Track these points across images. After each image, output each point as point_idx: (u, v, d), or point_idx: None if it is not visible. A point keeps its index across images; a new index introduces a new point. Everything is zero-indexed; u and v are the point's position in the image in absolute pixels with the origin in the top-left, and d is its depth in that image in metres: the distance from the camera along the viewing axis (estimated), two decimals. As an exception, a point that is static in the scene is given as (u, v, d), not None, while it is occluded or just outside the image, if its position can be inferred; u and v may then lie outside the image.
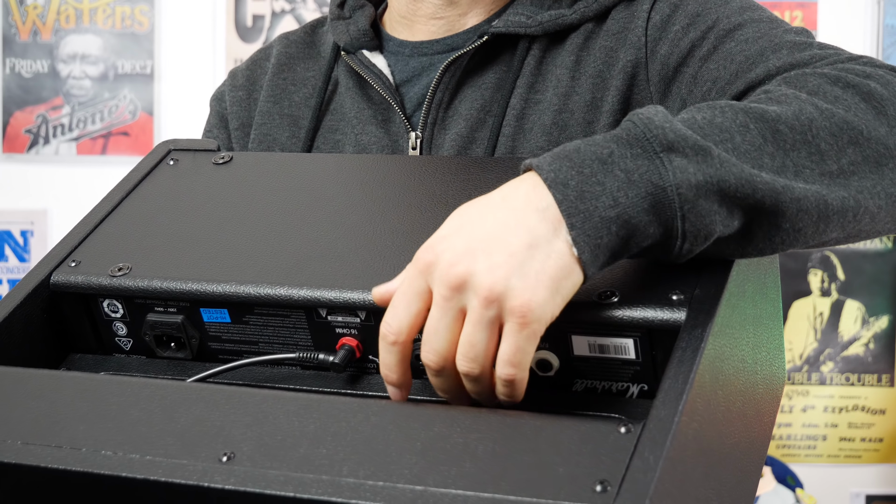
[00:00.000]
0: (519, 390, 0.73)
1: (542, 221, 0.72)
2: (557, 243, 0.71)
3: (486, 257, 0.71)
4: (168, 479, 0.68)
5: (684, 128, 0.74)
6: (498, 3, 1.12)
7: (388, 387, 0.76)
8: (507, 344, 0.71)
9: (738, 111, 0.77)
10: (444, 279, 0.72)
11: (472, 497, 0.62)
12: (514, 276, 0.70)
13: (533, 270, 0.70)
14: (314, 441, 0.69)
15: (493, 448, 0.66)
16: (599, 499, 0.61)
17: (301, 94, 1.17)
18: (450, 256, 0.72)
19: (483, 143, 1.06)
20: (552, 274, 0.71)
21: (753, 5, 1.03)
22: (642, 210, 0.72)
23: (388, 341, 0.74)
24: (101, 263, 0.90)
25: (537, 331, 0.71)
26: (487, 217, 0.73)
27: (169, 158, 1.03)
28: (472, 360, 0.72)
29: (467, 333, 0.71)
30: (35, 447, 0.72)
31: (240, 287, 0.85)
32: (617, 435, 0.65)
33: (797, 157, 0.77)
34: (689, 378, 0.67)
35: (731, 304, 0.76)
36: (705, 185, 0.73)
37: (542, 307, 0.70)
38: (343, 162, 1.01)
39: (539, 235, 0.71)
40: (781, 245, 0.77)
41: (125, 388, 0.77)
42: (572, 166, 0.73)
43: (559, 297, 0.71)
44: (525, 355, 0.71)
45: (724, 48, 0.99)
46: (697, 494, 0.69)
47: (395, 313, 0.74)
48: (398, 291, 0.74)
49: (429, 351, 0.73)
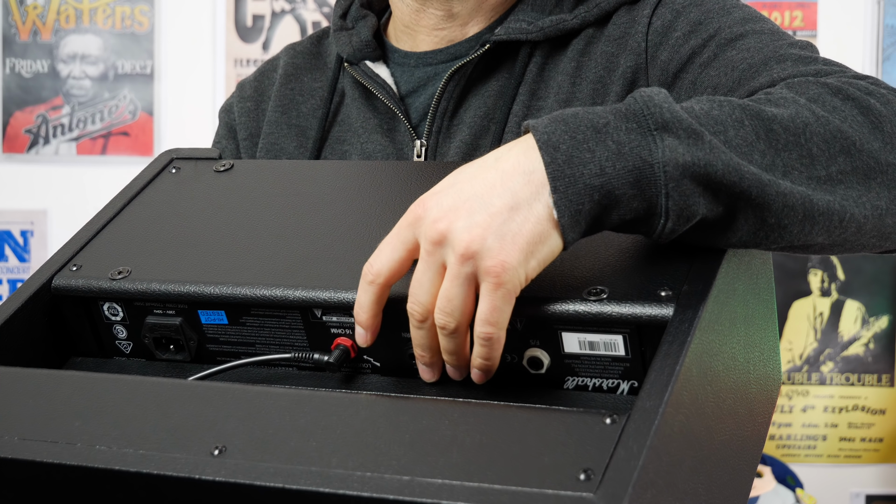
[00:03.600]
0: (496, 351, 0.75)
1: (526, 185, 0.73)
2: (538, 206, 0.73)
3: (467, 216, 0.73)
4: (160, 471, 0.69)
5: (682, 111, 0.76)
6: (498, 11, 1.12)
7: (357, 328, 0.80)
8: (483, 303, 0.73)
9: (735, 107, 0.78)
10: (427, 233, 0.74)
11: (457, 486, 0.63)
12: (491, 236, 0.72)
13: (510, 232, 0.72)
14: (305, 434, 0.69)
15: (480, 439, 0.66)
16: (583, 487, 0.62)
17: (308, 105, 1.18)
18: (435, 212, 0.74)
19: (487, 150, 1.07)
20: (529, 237, 0.73)
21: (756, 16, 1.03)
22: (627, 183, 0.73)
23: (367, 280, 0.78)
24: (102, 267, 0.92)
25: (511, 291, 0.73)
26: (478, 177, 0.75)
27: (171, 167, 1.05)
28: (448, 314, 0.74)
29: (445, 288, 0.74)
30: (32, 443, 0.73)
31: (236, 289, 0.86)
32: (602, 426, 0.66)
33: (787, 157, 0.78)
34: (674, 370, 0.68)
35: (720, 301, 0.76)
36: (692, 167, 0.74)
37: (516, 269, 0.72)
38: (341, 168, 1.03)
39: (521, 198, 0.73)
40: (766, 240, 0.78)
41: (121, 385, 0.78)
42: (566, 130, 0.74)
43: (534, 261, 0.73)
44: (501, 314, 0.73)
45: (725, 56, 0.99)
46: (685, 487, 0.69)
47: (378, 256, 0.77)
48: (386, 238, 0.78)
49: (413, 302, 0.76)
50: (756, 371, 0.87)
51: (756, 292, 0.86)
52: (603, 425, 0.66)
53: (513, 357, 0.81)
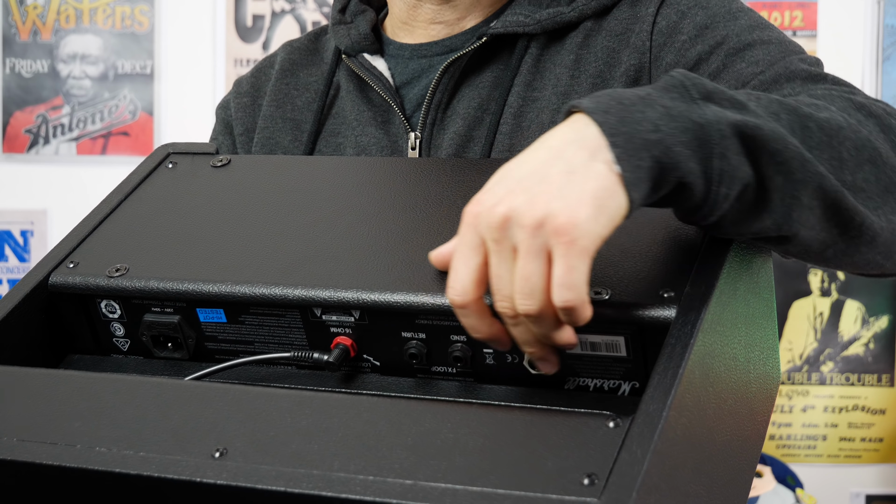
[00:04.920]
0: (582, 315, 0.71)
1: (579, 150, 0.72)
2: (596, 165, 0.71)
3: (524, 192, 0.71)
4: (161, 474, 0.68)
5: (721, 88, 0.76)
6: (495, 5, 1.13)
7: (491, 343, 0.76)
8: (558, 267, 0.70)
9: (772, 100, 0.79)
10: (489, 223, 0.72)
11: (461, 491, 0.63)
12: (555, 200, 0.70)
13: (574, 192, 0.70)
14: (306, 437, 0.69)
15: (483, 443, 0.66)
16: (587, 492, 0.61)
17: (303, 99, 1.19)
18: (491, 200, 0.73)
19: (480, 142, 1.07)
20: (594, 192, 0.71)
21: (762, 24, 1.04)
22: (682, 142, 0.73)
23: (458, 305, 0.74)
24: (99, 264, 0.91)
25: (587, 247, 0.70)
26: (526, 160, 0.74)
27: (168, 161, 1.04)
28: (528, 296, 0.71)
29: (520, 268, 0.71)
30: (31, 444, 0.73)
31: (235, 287, 0.85)
32: (605, 429, 0.65)
33: (819, 155, 0.78)
34: (678, 373, 0.68)
35: (722, 301, 0.76)
36: (742, 125, 0.74)
37: (588, 222, 0.70)
38: (339, 164, 1.02)
39: (576, 162, 0.72)
40: (788, 223, 0.77)
41: (120, 385, 0.78)
42: (612, 99, 0.74)
43: (604, 216, 0.71)
44: (579, 274, 0.70)
45: (734, 68, 0.99)
46: (687, 489, 0.69)
47: (455, 275, 0.74)
48: (454, 251, 0.75)
49: (501, 299, 0.73)
50: (756, 370, 0.87)
51: (756, 291, 0.86)
52: (606, 429, 0.65)
53: (514, 357, 0.80)
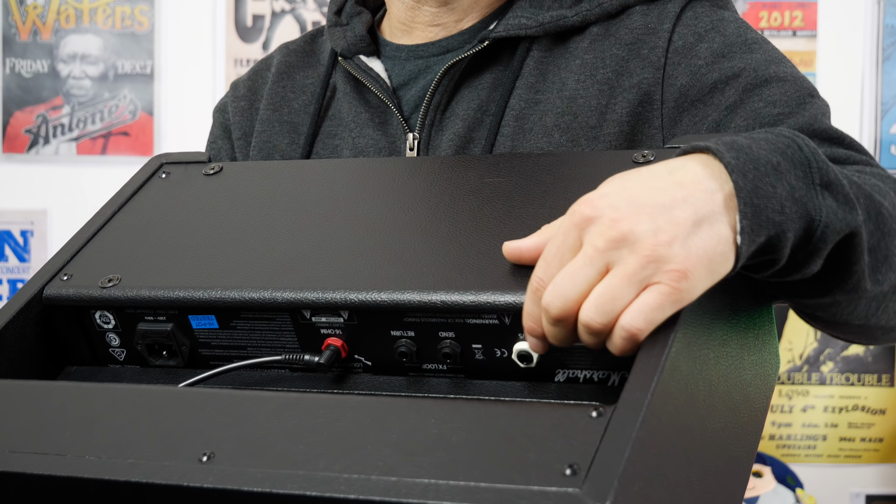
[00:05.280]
0: (632, 346, 0.71)
1: (709, 203, 0.73)
2: (721, 227, 0.72)
3: (650, 220, 0.71)
4: (149, 480, 0.69)
5: (840, 175, 0.79)
6: (493, 6, 1.12)
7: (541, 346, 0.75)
8: (649, 298, 0.70)
9: (863, 192, 0.83)
10: (604, 232, 0.71)
11: (443, 485, 0.63)
12: (677, 244, 0.70)
13: (695, 245, 0.71)
14: (292, 438, 0.70)
15: (466, 437, 0.67)
16: (568, 482, 0.62)
17: (300, 101, 1.19)
18: (613, 213, 0.72)
19: (480, 143, 1.07)
20: (712, 254, 0.72)
21: (777, 58, 1.05)
22: (794, 229, 0.75)
23: (554, 314, 0.72)
24: (92, 276, 0.92)
25: (682, 301, 0.70)
26: (651, 185, 0.74)
27: (161, 172, 1.05)
28: (605, 314, 0.70)
29: (612, 286, 0.70)
30: (22, 455, 0.73)
31: (225, 293, 0.86)
32: (588, 419, 0.66)
33: (889, 244, 0.84)
34: (660, 360, 0.68)
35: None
36: (846, 234, 0.79)
37: (697, 280, 0.71)
38: (328, 167, 1.03)
39: (704, 215, 0.72)
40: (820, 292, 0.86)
41: (110, 394, 0.78)
42: (748, 160, 0.75)
43: (710, 279, 0.72)
44: (661, 318, 0.70)
45: (751, 105, 1.01)
46: (676, 477, 0.69)
47: (562, 282, 0.72)
48: (552, 247, 0.74)
49: (557, 295, 0.72)
50: (751, 355, 0.86)
51: (748, 281, 0.86)
52: (589, 419, 0.66)
53: (503, 352, 0.81)
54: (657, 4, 1.07)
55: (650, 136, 1.03)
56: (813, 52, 2.64)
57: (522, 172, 0.91)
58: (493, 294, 0.79)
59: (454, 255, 0.83)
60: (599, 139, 1.03)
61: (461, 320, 0.80)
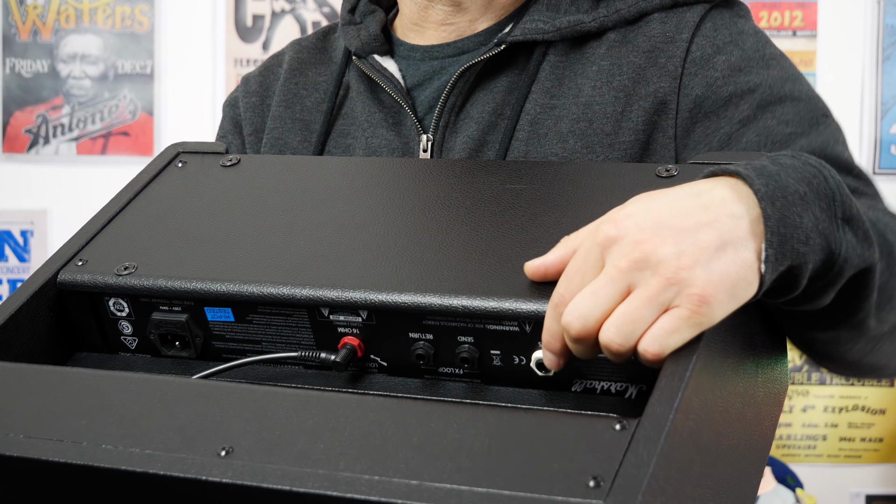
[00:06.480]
0: (659, 363, 0.71)
1: (735, 228, 0.73)
2: (746, 253, 0.72)
3: (674, 243, 0.71)
4: (167, 472, 0.68)
5: (861, 210, 0.80)
6: (508, 9, 1.12)
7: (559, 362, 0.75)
8: (668, 322, 0.70)
9: (878, 229, 0.84)
10: (626, 253, 0.71)
11: (466, 492, 0.63)
12: (700, 268, 0.70)
13: (718, 269, 0.71)
14: (312, 436, 0.69)
15: (489, 444, 0.66)
16: (592, 494, 0.61)
17: (313, 99, 1.18)
18: (636, 234, 0.72)
19: (495, 147, 1.06)
20: (735, 279, 0.72)
21: (794, 75, 1.06)
22: (814, 261, 0.76)
23: (575, 332, 0.72)
24: (108, 262, 0.91)
25: (702, 325, 0.70)
26: (677, 207, 0.73)
27: (177, 161, 1.04)
28: (625, 336, 0.70)
29: (633, 308, 0.70)
30: (37, 441, 0.72)
31: (243, 286, 0.85)
32: (612, 432, 0.65)
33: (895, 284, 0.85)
34: (685, 376, 0.68)
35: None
36: (862, 270, 0.80)
37: (718, 305, 0.71)
38: (348, 165, 1.02)
39: (729, 240, 0.72)
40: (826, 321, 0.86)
41: (127, 383, 0.78)
42: (777, 188, 0.75)
43: (732, 304, 0.72)
44: (679, 342, 0.70)
45: (763, 121, 1.02)
46: (693, 493, 0.69)
47: (583, 300, 0.72)
48: (574, 264, 0.74)
49: (577, 315, 0.71)
50: (764, 373, 0.87)
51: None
52: (613, 431, 0.65)
53: (521, 359, 0.80)
54: (676, 12, 1.07)
55: (664, 146, 1.03)
56: (813, 52, 2.65)
57: (544, 180, 0.91)
58: (515, 301, 0.78)
59: (475, 260, 0.83)
60: (615, 146, 1.03)
61: (481, 325, 0.80)
